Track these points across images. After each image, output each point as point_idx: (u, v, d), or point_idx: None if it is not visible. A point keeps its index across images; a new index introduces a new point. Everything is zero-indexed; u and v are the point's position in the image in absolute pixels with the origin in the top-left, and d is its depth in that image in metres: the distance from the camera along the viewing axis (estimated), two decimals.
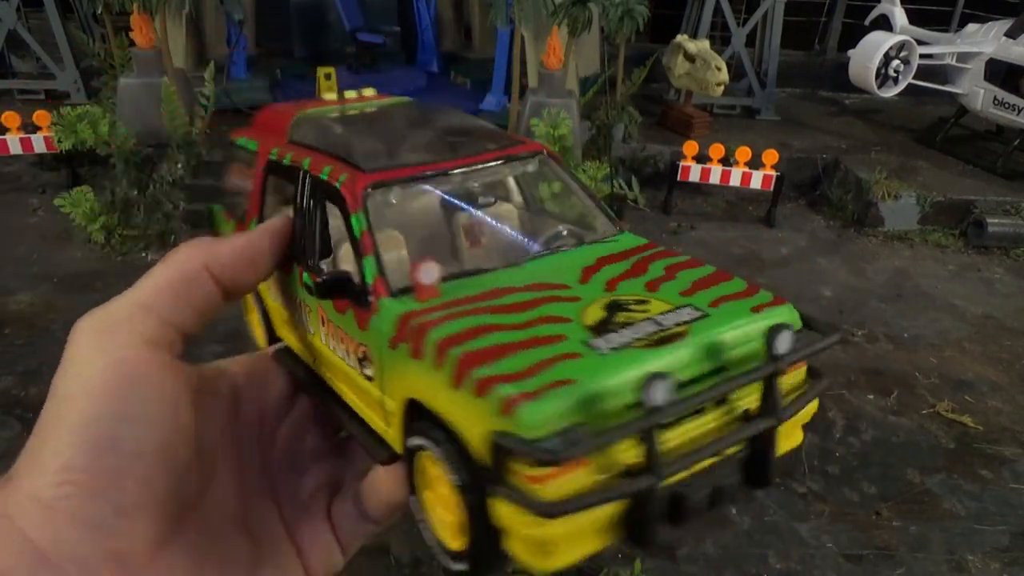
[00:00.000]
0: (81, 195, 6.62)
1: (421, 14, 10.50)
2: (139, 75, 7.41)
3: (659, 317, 0.97)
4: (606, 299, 1.02)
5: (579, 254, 1.22)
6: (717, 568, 3.66)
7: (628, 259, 1.18)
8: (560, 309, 1.01)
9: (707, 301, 1.03)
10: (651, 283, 1.07)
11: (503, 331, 0.95)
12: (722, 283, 1.10)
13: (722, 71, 8.37)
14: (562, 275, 1.12)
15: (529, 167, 1.38)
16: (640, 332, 0.93)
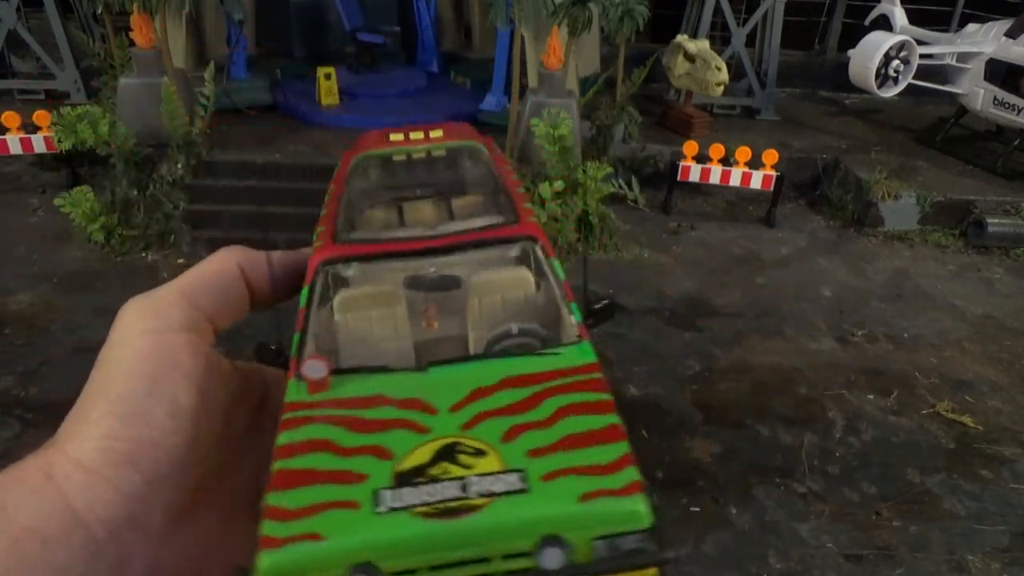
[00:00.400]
0: (81, 195, 6.62)
1: (421, 14, 10.50)
2: (139, 75, 7.41)
3: (473, 479, 0.91)
4: (448, 440, 1.00)
5: (487, 369, 1.20)
6: (717, 568, 3.66)
7: (529, 387, 1.13)
8: (397, 440, 1.01)
9: (547, 470, 0.93)
10: (515, 428, 1.04)
11: (331, 453, 0.95)
12: (594, 447, 0.97)
13: (722, 71, 8.37)
14: (444, 395, 1.12)
15: (511, 252, 1.36)
16: (436, 495, 0.89)
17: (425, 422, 1.08)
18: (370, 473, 0.95)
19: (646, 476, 1.61)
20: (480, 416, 1.09)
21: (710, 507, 4.05)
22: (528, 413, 1.08)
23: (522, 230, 1.38)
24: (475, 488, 0.92)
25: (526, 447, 1.00)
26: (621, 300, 6.36)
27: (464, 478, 0.94)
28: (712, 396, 5.06)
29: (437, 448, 1.01)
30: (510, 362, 1.24)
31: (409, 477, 0.95)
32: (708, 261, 7.22)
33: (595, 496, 0.88)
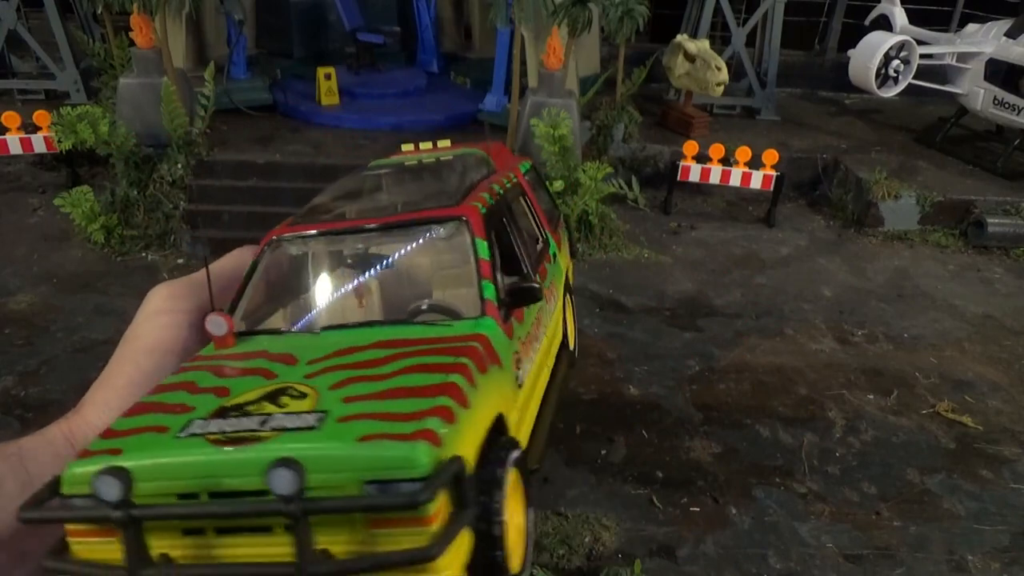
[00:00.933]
0: (81, 195, 6.62)
1: (421, 14, 10.50)
2: (139, 75, 7.41)
3: (277, 416, 0.99)
4: (282, 384, 1.10)
5: (369, 334, 1.33)
6: (717, 568, 3.66)
7: (393, 349, 1.22)
8: (242, 384, 1.14)
9: (349, 413, 1.00)
10: (350, 379, 1.12)
11: (185, 391, 1.08)
12: (410, 398, 1.03)
13: (722, 71, 8.37)
14: (313, 351, 1.25)
15: (441, 231, 1.48)
16: (235, 426, 0.98)
17: (277, 371, 1.18)
18: (198, 407, 1.04)
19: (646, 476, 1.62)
20: (327, 368, 1.17)
21: (710, 507, 4.05)
22: (373, 368, 1.16)
23: (454, 212, 1.49)
24: (271, 423, 0.99)
25: (345, 394, 1.07)
26: (621, 300, 6.36)
27: (270, 415, 1.01)
28: (712, 396, 5.06)
29: (268, 390, 1.10)
30: (395, 329, 1.35)
31: (226, 411, 1.03)
32: (708, 261, 7.22)
33: (374, 438, 0.93)
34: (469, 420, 1.05)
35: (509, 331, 1.39)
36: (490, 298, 1.38)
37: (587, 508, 3.97)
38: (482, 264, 1.42)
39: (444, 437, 0.95)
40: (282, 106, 8.94)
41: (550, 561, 3.62)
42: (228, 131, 8.07)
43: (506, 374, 1.30)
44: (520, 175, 2.09)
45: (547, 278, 1.83)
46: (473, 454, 1.04)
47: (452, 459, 0.93)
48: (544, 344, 1.67)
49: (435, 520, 0.90)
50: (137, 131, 7.15)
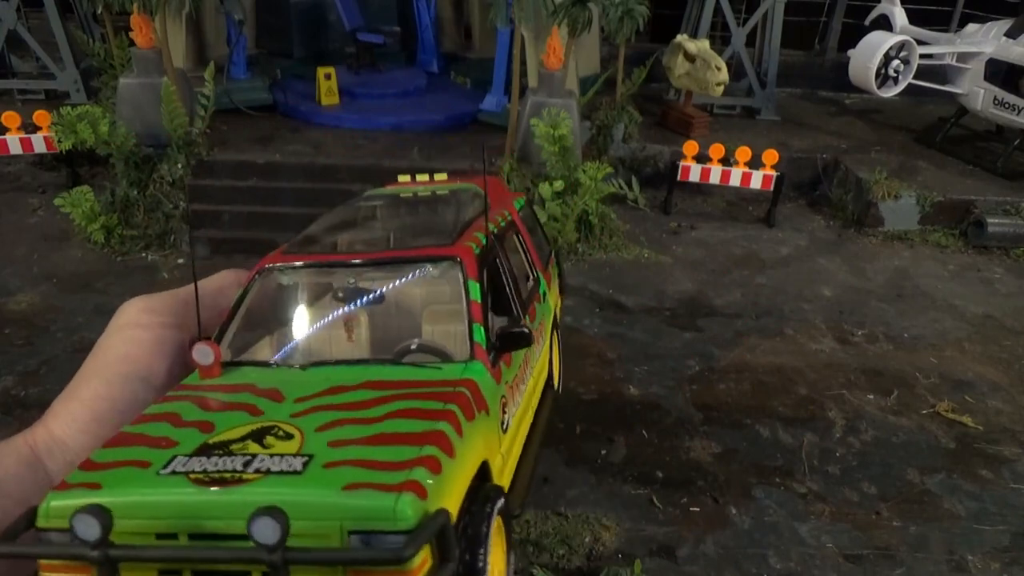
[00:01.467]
0: (81, 195, 6.62)
1: (421, 14, 10.49)
2: (139, 75, 7.41)
3: (261, 458, 0.98)
4: (268, 423, 1.09)
5: (358, 372, 1.31)
6: (717, 568, 3.66)
7: (382, 391, 1.21)
8: (227, 419, 1.14)
9: (335, 459, 0.98)
10: (337, 421, 1.11)
11: (169, 424, 1.06)
12: (398, 446, 1.02)
13: (722, 71, 8.37)
14: (300, 389, 1.24)
15: (434, 270, 1.48)
16: (218, 465, 0.96)
17: (264, 407, 1.16)
18: (182, 442, 1.03)
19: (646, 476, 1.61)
20: (315, 408, 1.16)
21: (710, 507, 4.05)
22: (360, 411, 1.15)
23: (447, 251, 1.48)
24: (255, 464, 0.98)
25: (332, 438, 1.06)
26: (621, 300, 6.36)
27: (254, 455, 1.00)
28: (712, 396, 5.06)
29: (253, 428, 1.08)
30: (384, 369, 1.33)
31: (210, 449, 1.02)
32: (708, 261, 7.22)
33: (359, 487, 0.92)
34: (455, 470, 1.04)
35: (498, 376, 1.38)
36: (480, 342, 1.37)
37: (587, 508, 3.97)
38: (473, 306, 1.40)
39: (430, 488, 0.95)
40: (282, 106, 8.93)
41: (550, 561, 3.62)
42: (228, 131, 8.07)
43: (492, 420, 1.29)
44: (515, 212, 2.09)
45: (536, 319, 1.82)
46: (457, 504, 1.03)
47: (437, 512, 0.93)
48: (530, 385, 1.67)
49: (417, 573, 0.90)
50: (137, 131, 7.14)
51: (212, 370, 1.27)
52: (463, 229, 1.60)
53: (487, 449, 1.23)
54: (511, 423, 1.43)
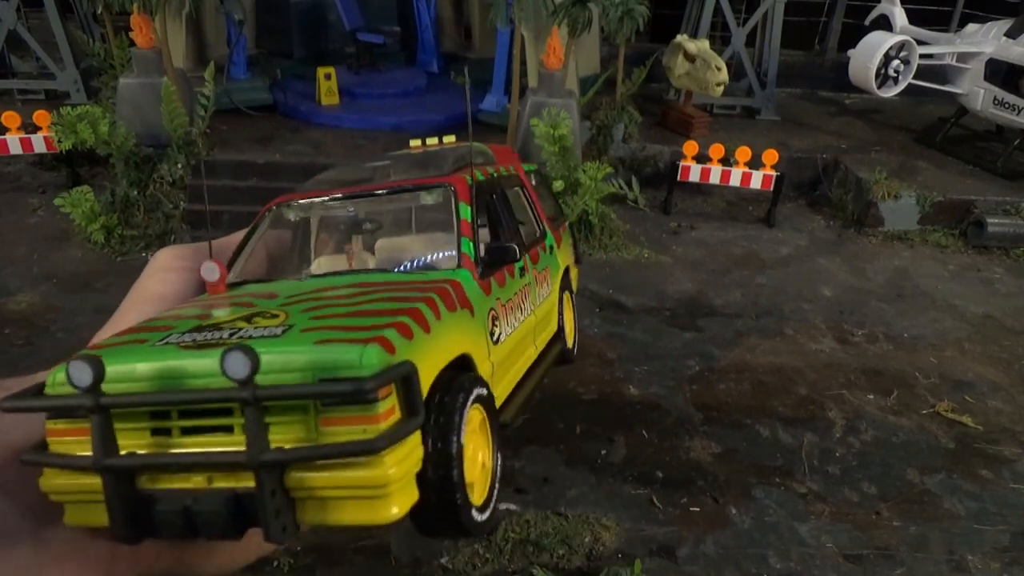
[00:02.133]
0: (81, 195, 6.61)
1: (421, 14, 10.50)
2: (139, 75, 7.41)
3: (247, 330, 1.06)
4: (258, 310, 1.16)
5: (351, 279, 1.45)
6: (717, 568, 3.66)
7: (370, 288, 1.32)
8: (223, 311, 1.21)
9: (313, 326, 1.05)
10: (321, 305, 1.22)
11: (172, 319, 1.15)
12: (374, 317, 1.09)
13: (722, 71, 8.37)
14: (295, 291, 1.32)
15: (428, 199, 1.63)
16: (206, 337, 1.04)
17: (256, 303, 1.23)
18: (179, 326, 1.08)
19: (646, 476, 1.62)
20: (303, 299, 1.22)
21: (710, 507, 4.05)
22: (345, 300, 1.23)
23: (442, 180, 1.62)
24: (239, 334, 1.02)
25: (314, 315, 1.11)
26: (621, 300, 6.36)
27: (241, 329, 1.05)
28: (712, 396, 5.06)
29: (243, 314, 1.13)
30: (375, 275, 1.44)
31: (203, 328, 1.07)
32: (708, 261, 7.22)
33: (331, 342, 0.98)
34: (428, 344, 1.10)
35: (486, 288, 1.49)
36: (467, 252, 1.49)
37: (587, 508, 3.97)
38: (463, 224, 1.53)
39: (399, 347, 1.00)
40: (282, 106, 8.94)
41: (550, 561, 3.62)
42: (228, 131, 8.07)
43: (476, 322, 1.39)
44: (521, 170, 2.23)
45: (539, 262, 1.95)
46: (430, 374, 1.09)
47: (402, 362, 0.97)
48: (530, 320, 1.77)
49: (383, 420, 0.93)
50: (137, 131, 7.15)
51: (218, 287, 1.36)
52: (460, 167, 1.73)
53: (469, 343, 1.30)
54: (505, 340, 1.52)
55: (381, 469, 0.92)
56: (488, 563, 3.59)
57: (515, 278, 1.68)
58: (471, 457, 1.16)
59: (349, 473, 0.92)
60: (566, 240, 2.45)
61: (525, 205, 2.16)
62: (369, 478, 0.92)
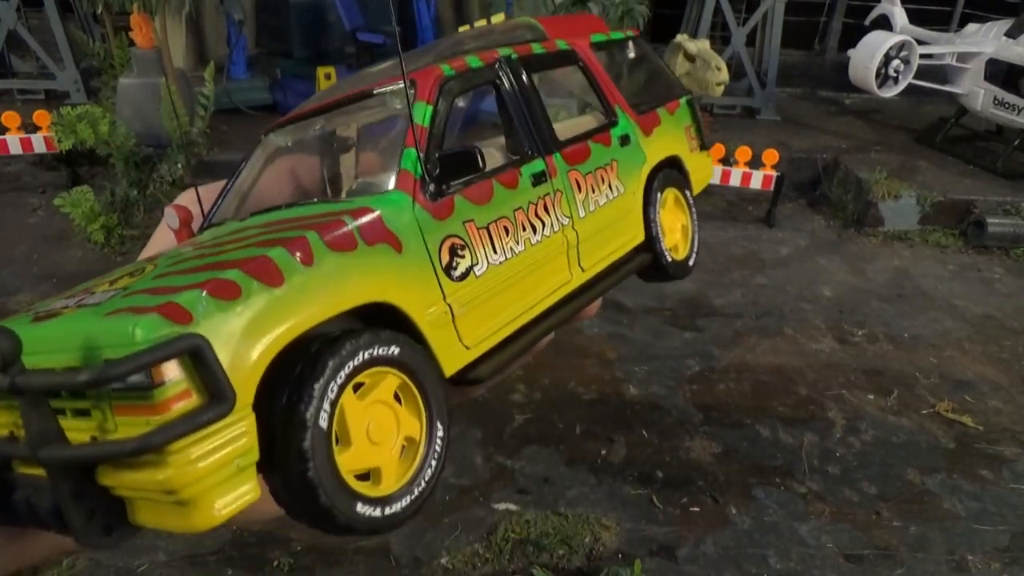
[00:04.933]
0: (81, 195, 6.61)
1: (421, 14, 10.49)
2: (139, 75, 7.41)
3: (94, 294, 0.97)
4: (148, 265, 1.08)
5: (279, 215, 1.28)
6: (717, 568, 3.66)
7: (263, 229, 1.15)
8: (124, 271, 1.11)
9: (142, 288, 0.93)
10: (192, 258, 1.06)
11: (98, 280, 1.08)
12: (209, 271, 0.94)
13: (722, 71, 8.36)
14: (212, 237, 1.26)
15: (387, 103, 1.35)
16: (57, 304, 0.97)
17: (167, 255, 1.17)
18: (76, 289, 1.06)
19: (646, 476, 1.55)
20: (200, 247, 1.16)
21: (710, 507, 4.05)
22: (222, 247, 1.09)
23: (400, 78, 1.30)
24: (78, 299, 0.97)
25: (165, 271, 1.02)
26: (621, 300, 6.36)
27: (92, 293, 0.98)
28: (712, 396, 5.06)
29: (130, 271, 1.09)
30: (295, 209, 1.27)
31: (76, 293, 1.03)
32: (708, 261, 7.22)
33: (121, 312, 0.86)
34: (278, 302, 0.92)
35: (443, 209, 1.20)
36: (406, 168, 1.21)
37: (587, 508, 3.97)
38: (416, 129, 1.24)
39: (200, 314, 0.84)
40: (282, 106, 8.93)
41: (550, 561, 3.62)
42: (228, 131, 8.07)
43: (407, 258, 1.13)
44: (584, 43, 1.82)
45: (588, 160, 1.56)
46: (278, 340, 0.91)
47: (179, 336, 0.80)
48: (556, 239, 1.41)
49: (166, 409, 0.79)
50: (137, 131, 7.15)
51: (180, 233, 1.29)
52: (451, 55, 1.43)
53: (386, 287, 1.07)
54: (485, 271, 1.24)
55: (165, 470, 0.78)
56: (488, 563, 3.59)
57: (515, 188, 1.35)
58: (381, 434, 0.99)
59: (142, 474, 0.80)
60: (672, 123, 1.98)
61: (584, 86, 1.77)
62: (156, 481, 0.79)
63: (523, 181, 1.37)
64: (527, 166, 1.39)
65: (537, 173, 1.40)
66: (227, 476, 0.82)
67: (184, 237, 1.30)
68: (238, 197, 1.47)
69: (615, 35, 1.98)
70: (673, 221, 1.82)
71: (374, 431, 0.99)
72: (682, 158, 1.95)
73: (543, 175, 1.42)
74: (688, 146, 2.00)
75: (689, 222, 1.89)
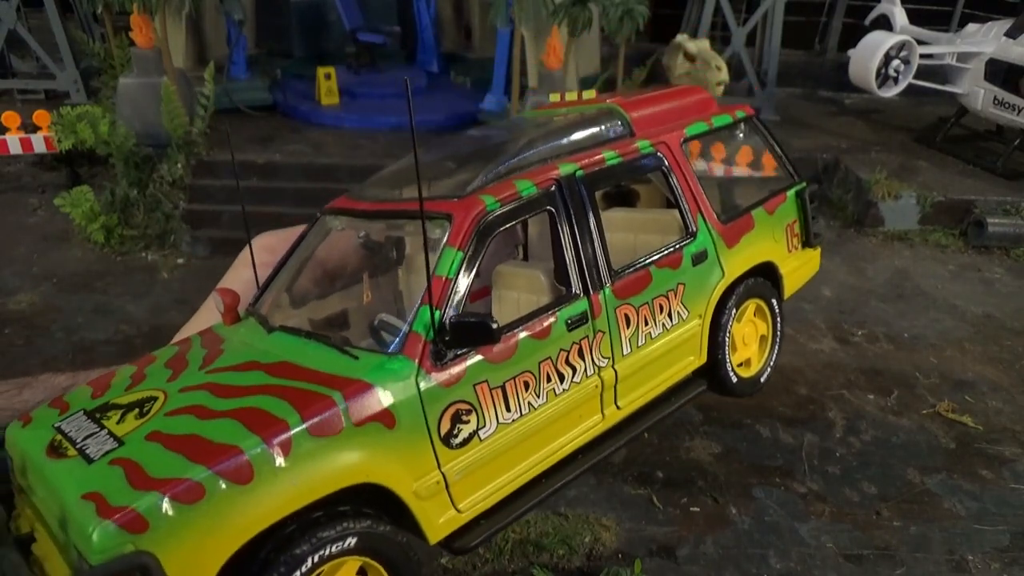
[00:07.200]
0: (81, 195, 6.62)
1: (421, 14, 10.50)
2: (139, 75, 7.41)
3: (98, 435, 1.01)
4: (156, 393, 1.12)
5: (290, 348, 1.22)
6: (717, 568, 3.66)
7: (271, 378, 1.09)
8: (151, 379, 1.19)
9: (121, 457, 0.95)
10: (188, 409, 1.07)
11: (128, 373, 1.20)
12: (179, 455, 0.94)
13: (722, 71, 8.36)
14: (231, 357, 1.20)
15: (432, 229, 1.22)
16: (71, 432, 1.08)
17: (183, 372, 1.17)
18: (104, 394, 1.18)
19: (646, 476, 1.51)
20: (200, 385, 1.16)
21: (710, 507, 4.05)
22: (224, 398, 1.08)
23: (445, 206, 1.22)
24: (85, 440, 1.04)
25: (158, 428, 1.03)
26: None
27: (100, 430, 1.02)
28: (712, 396, 5.05)
29: (141, 397, 1.11)
30: (311, 349, 1.23)
31: (94, 412, 1.07)
32: None
33: (92, 498, 0.91)
34: (244, 498, 0.90)
35: (451, 375, 1.08)
36: (418, 330, 1.12)
37: (587, 508, 3.96)
38: (434, 283, 1.11)
39: (158, 522, 0.85)
40: (282, 106, 8.94)
41: (550, 561, 3.62)
42: (228, 131, 8.06)
43: (398, 433, 1.04)
44: (672, 141, 1.51)
45: (647, 291, 1.34)
46: (240, 539, 0.89)
47: (127, 555, 0.84)
48: (583, 386, 1.25)
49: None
50: (137, 131, 7.15)
51: (225, 317, 1.32)
52: (501, 175, 1.24)
53: (369, 469, 0.99)
54: (493, 432, 1.12)
55: None
56: (488, 563, 3.59)
57: (545, 339, 1.16)
58: None
59: None
60: (769, 225, 1.66)
61: (675, 195, 1.52)
62: None
63: (557, 329, 1.24)
64: (565, 310, 1.25)
65: (576, 316, 1.26)
66: None
67: (230, 321, 1.32)
68: (280, 285, 1.46)
69: (719, 120, 1.77)
70: (750, 333, 1.67)
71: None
72: (776, 263, 1.82)
73: (583, 317, 1.28)
74: (786, 247, 1.88)
75: (770, 332, 1.73)
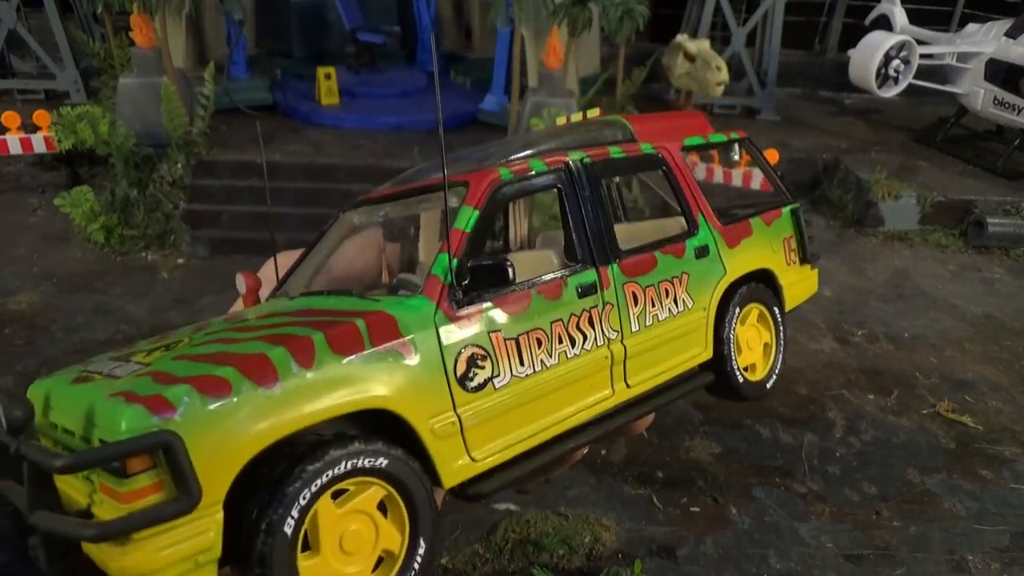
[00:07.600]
0: (81, 195, 6.61)
1: (421, 14, 10.49)
2: (139, 75, 7.40)
3: (125, 365, 1.05)
4: (178, 340, 1.15)
5: (315, 302, 1.33)
6: (717, 568, 3.66)
7: (292, 318, 1.17)
8: (173, 336, 1.18)
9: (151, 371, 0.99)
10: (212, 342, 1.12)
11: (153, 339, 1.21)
12: (212, 365, 0.97)
13: (722, 71, 8.35)
14: (253, 315, 1.28)
15: (451, 199, 1.31)
16: (100, 367, 1.08)
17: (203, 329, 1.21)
18: (128, 350, 1.17)
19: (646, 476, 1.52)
20: (233, 327, 1.20)
21: (710, 507, 4.05)
22: (245, 333, 1.13)
23: (463, 177, 1.35)
24: (111, 369, 1.03)
25: (184, 354, 1.06)
26: None
27: (126, 362, 1.05)
28: (712, 396, 5.05)
29: (167, 342, 1.14)
30: (328, 299, 1.29)
31: (118, 358, 1.10)
32: None
33: (120, 395, 0.91)
34: (268, 401, 0.93)
35: (467, 318, 1.19)
36: (437, 274, 1.21)
37: (587, 508, 3.96)
38: (453, 235, 1.24)
39: (185, 407, 0.87)
40: (282, 106, 8.93)
41: (550, 561, 3.62)
42: (228, 131, 8.06)
43: (420, 367, 1.11)
44: (672, 147, 1.74)
45: (653, 271, 1.50)
46: (264, 441, 0.92)
47: (153, 433, 0.84)
48: (593, 356, 1.36)
49: (131, 500, 0.84)
50: (137, 131, 7.14)
51: (247, 299, 1.33)
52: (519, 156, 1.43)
53: (389, 396, 1.05)
54: (507, 383, 1.20)
55: (126, 557, 0.81)
56: (488, 563, 3.59)
57: (557, 299, 1.30)
58: (356, 545, 0.97)
59: (109, 557, 0.83)
60: (767, 234, 1.87)
61: (674, 195, 1.71)
62: (118, 566, 0.82)
63: (568, 292, 1.34)
64: (576, 276, 1.35)
65: (586, 284, 1.36)
66: (186, 570, 0.85)
67: (250, 303, 1.34)
68: (306, 271, 1.52)
69: (715, 137, 1.93)
70: (754, 338, 1.75)
71: (349, 541, 0.97)
72: (775, 272, 1.91)
73: (593, 287, 1.38)
74: (784, 259, 1.98)
75: (773, 340, 1.81)
